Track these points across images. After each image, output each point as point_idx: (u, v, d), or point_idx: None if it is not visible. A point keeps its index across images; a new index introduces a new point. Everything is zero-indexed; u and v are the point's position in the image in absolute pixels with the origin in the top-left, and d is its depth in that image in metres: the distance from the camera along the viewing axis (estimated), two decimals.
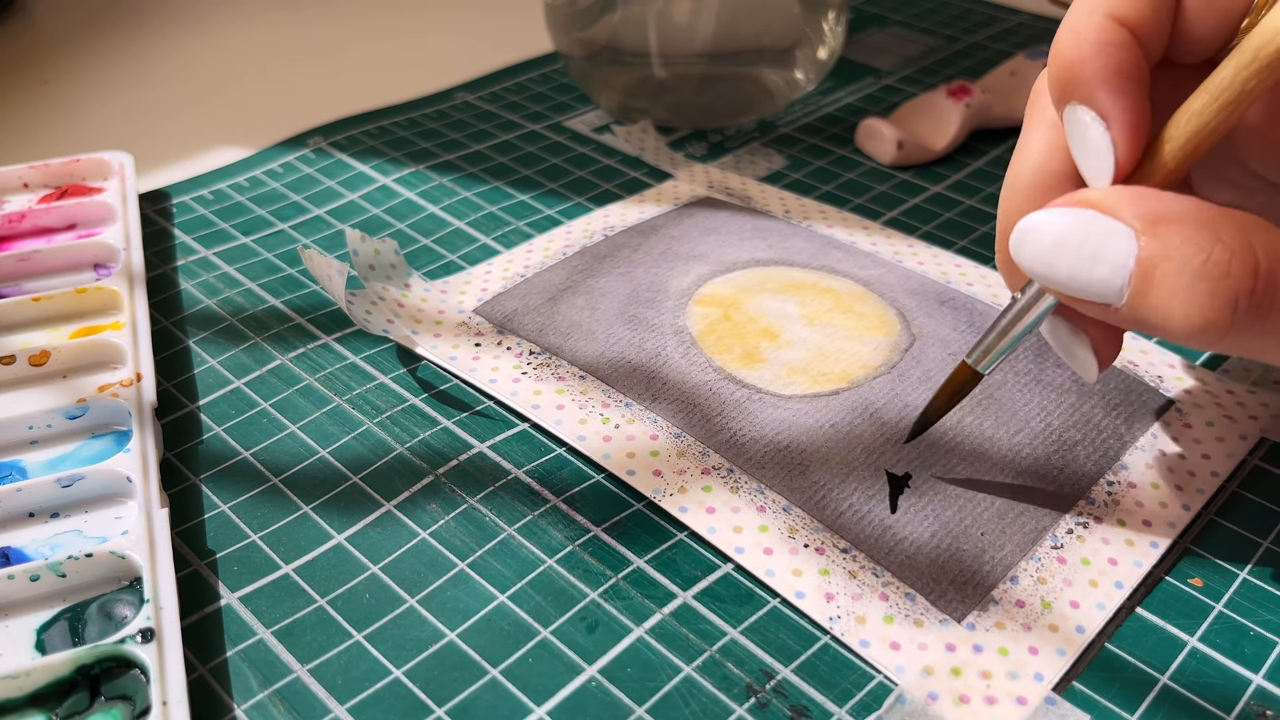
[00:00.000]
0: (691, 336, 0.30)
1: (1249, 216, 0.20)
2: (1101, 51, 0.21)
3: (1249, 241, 0.19)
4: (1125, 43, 0.22)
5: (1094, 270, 0.20)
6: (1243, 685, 0.22)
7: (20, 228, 0.35)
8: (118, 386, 0.28)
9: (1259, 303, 0.19)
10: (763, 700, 0.22)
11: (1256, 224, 0.19)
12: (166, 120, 0.45)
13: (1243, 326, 0.19)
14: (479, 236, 0.37)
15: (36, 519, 0.25)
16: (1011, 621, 0.23)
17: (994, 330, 0.24)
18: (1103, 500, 0.26)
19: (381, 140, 0.43)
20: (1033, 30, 0.54)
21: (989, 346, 0.24)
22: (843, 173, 0.41)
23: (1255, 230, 0.19)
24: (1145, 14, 0.22)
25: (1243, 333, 0.19)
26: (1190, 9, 0.22)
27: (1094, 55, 0.21)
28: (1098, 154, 0.21)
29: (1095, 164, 0.21)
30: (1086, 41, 0.21)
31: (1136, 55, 0.22)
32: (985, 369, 0.24)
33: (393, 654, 0.23)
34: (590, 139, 0.43)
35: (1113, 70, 0.21)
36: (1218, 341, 0.20)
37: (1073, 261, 0.20)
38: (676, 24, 0.40)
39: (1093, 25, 0.22)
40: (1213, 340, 0.20)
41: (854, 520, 0.25)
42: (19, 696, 0.21)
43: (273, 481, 0.27)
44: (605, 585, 0.24)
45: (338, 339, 0.32)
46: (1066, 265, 0.21)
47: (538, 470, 0.27)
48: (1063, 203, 0.21)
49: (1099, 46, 0.21)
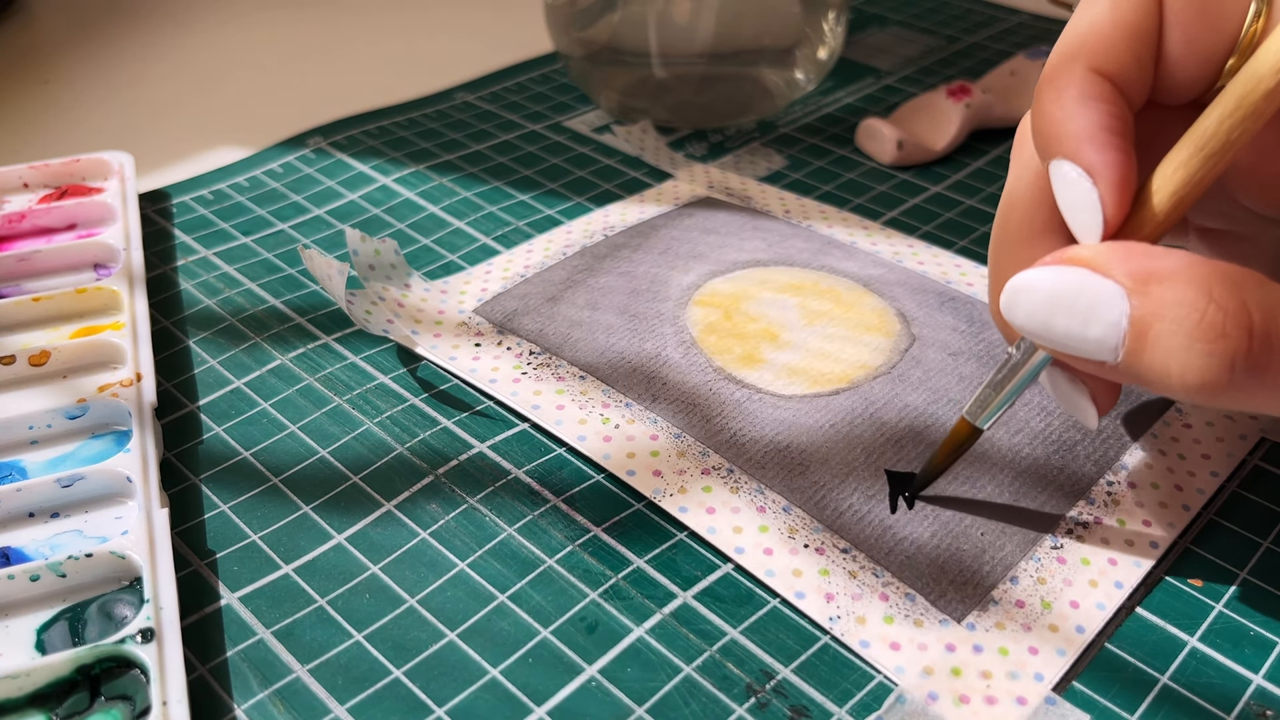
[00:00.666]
0: (691, 337, 0.30)
1: (1243, 272, 0.19)
2: (1085, 107, 0.21)
3: (1243, 300, 0.19)
4: (1108, 96, 0.21)
5: (1087, 329, 0.20)
6: (1243, 685, 0.22)
7: (20, 228, 0.35)
8: (118, 386, 0.28)
9: (1256, 362, 0.19)
10: (763, 700, 0.22)
11: (1251, 280, 0.19)
12: (166, 120, 0.45)
13: (1240, 385, 0.19)
14: (479, 236, 0.37)
15: (36, 519, 0.26)
16: (1011, 621, 0.23)
17: (991, 385, 0.23)
18: (1103, 500, 0.26)
19: (381, 140, 0.43)
20: (1033, 30, 0.54)
21: (985, 401, 0.24)
22: (843, 173, 0.41)
23: (1249, 287, 0.19)
24: (1127, 64, 0.21)
25: (1240, 391, 0.19)
26: (1172, 55, 0.22)
27: (1077, 111, 0.21)
28: (1086, 210, 0.21)
29: (1083, 220, 0.21)
30: (1069, 97, 0.21)
31: (1120, 108, 0.21)
32: (984, 424, 0.24)
33: (393, 654, 0.23)
34: (590, 139, 0.43)
35: (1097, 126, 0.21)
36: (1216, 399, 0.19)
37: (1066, 321, 0.20)
38: (676, 24, 0.40)
39: (1074, 79, 0.21)
40: (1211, 398, 0.19)
41: (854, 520, 0.25)
42: (19, 696, 0.21)
43: (273, 481, 0.27)
44: (605, 585, 0.24)
45: (338, 339, 0.32)
46: (1061, 325, 0.20)
47: (538, 470, 0.27)
48: (1052, 260, 0.20)
49: (1082, 101, 0.21)
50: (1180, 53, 0.21)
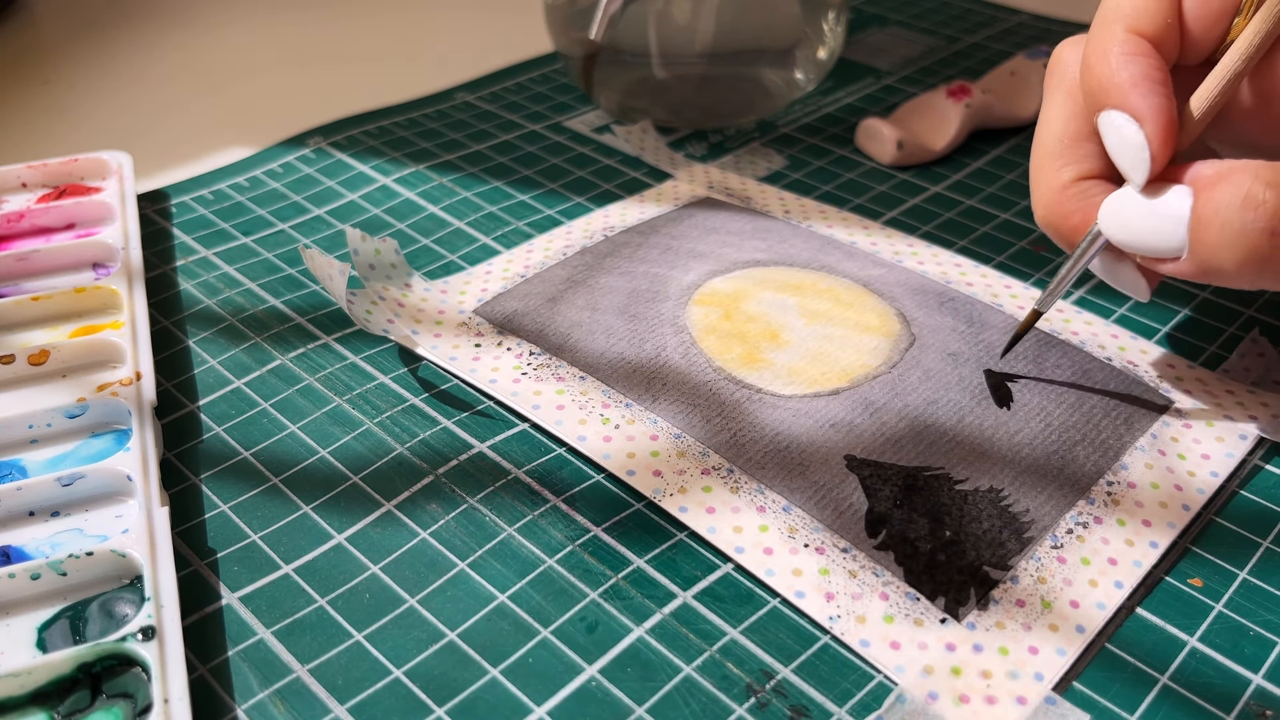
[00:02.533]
0: (691, 337, 0.30)
1: None
2: (1129, 60, 0.25)
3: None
4: (1147, 51, 0.25)
5: (1159, 224, 0.24)
6: (1242, 685, 0.22)
7: (19, 227, 0.35)
8: (117, 385, 0.28)
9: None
10: (763, 700, 0.22)
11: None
12: (167, 120, 0.45)
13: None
14: (479, 236, 0.37)
15: (37, 518, 0.26)
16: (1011, 621, 0.23)
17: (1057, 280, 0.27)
18: (1103, 500, 0.26)
19: (381, 140, 0.43)
20: (1033, 30, 0.54)
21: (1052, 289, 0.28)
22: (843, 173, 0.41)
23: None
24: (1159, 24, 0.25)
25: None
26: (1188, 16, 0.25)
27: (1122, 65, 0.24)
28: (1135, 150, 0.24)
29: (1132, 159, 0.24)
30: (1114, 54, 0.25)
31: (1159, 60, 0.25)
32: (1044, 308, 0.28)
33: (393, 654, 0.23)
34: (590, 139, 0.43)
35: (1141, 76, 0.24)
36: (1265, 272, 0.23)
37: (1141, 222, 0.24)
38: (676, 24, 0.40)
39: (1116, 38, 0.25)
40: (1259, 271, 0.23)
41: (854, 520, 0.25)
42: (20, 694, 0.21)
43: (273, 481, 0.27)
44: (605, 585, 0.24)
45: (338, 339, 0.32)
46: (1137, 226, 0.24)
47: (538, 470, 0.27)
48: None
49: (1126, 56, 0.25)
50: (1195, 14, 0.25)
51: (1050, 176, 0.27)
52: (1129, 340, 0.31)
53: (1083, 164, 0.27)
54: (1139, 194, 0.24)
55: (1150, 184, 0.24)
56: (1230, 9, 0.25)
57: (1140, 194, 0.24)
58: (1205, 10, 0.25)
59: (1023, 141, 0.43)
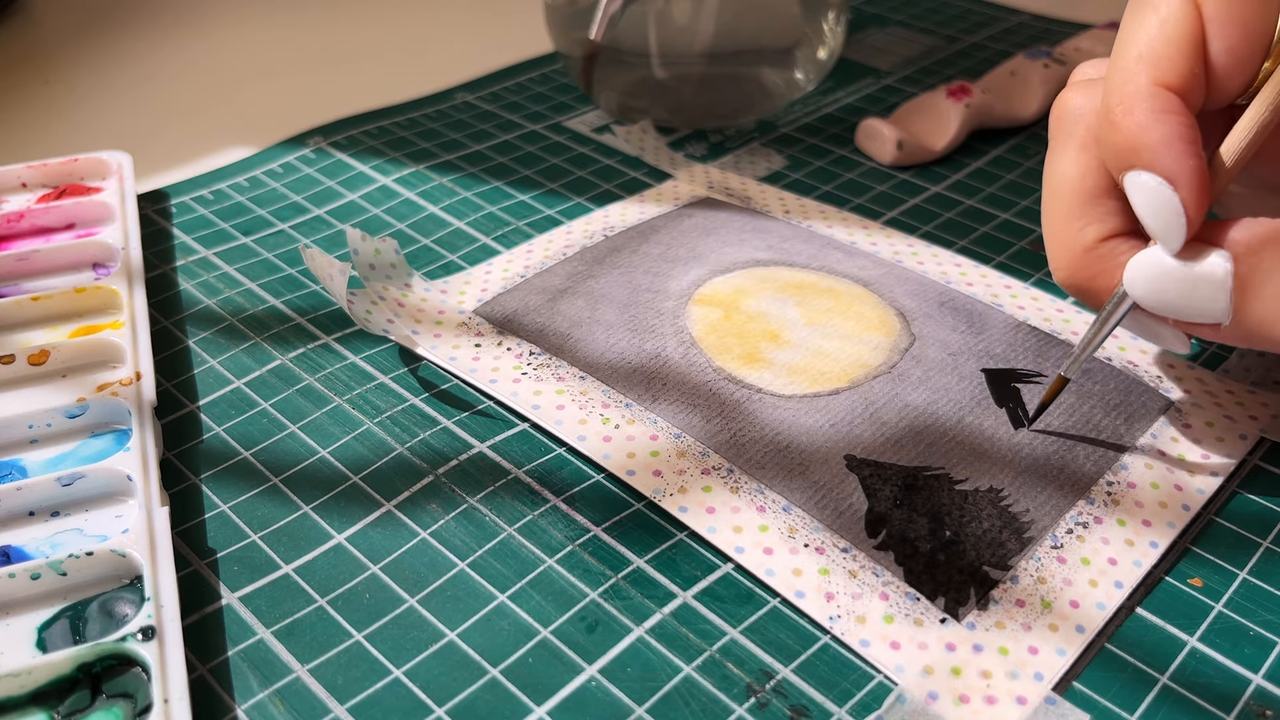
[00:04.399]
0: (691, 337, 0.30)
1: None
2: (1158, 120, 0.23)
3: None
4: (1176, 108, 0.23)
5: (1196, 291, 0.23)
6: (1242, 685, 0.22)
7: (19, 227, 0.35)
8: (117, 385, 0.28)
9: None
10: (763, 700, 0.22)
11: None
12: (167, 120, 0.45)
13: None
14: (479, 236, 0.37)
15: (37, 518, 0.25)
16: (1011, 621, 0.23)
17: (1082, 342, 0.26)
18: (1103, 500, 0.26)
19: (381, 140, 0.43)
20: (1033, 30, 0.54)
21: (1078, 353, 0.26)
22: (843, 173, 0.41)
23: None
24: (1185, 76, 0.23)
25: None
26: (1215, 64, 0.23)
27: (1151, 125, 0.23)
28: (1169, 213, 0.23)
29: (1166, 222, 0.23)
30: (1142, 111, 0.23)
31: (1189, 117, 0.23)
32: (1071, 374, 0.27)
33: (393, 654, 0.23)
34: (590, 139, 0.43)
35: (1173, 136, 0.23)
36: None
37: (1178, 288, 0.23)
38: (676, 24, 0.40)
39: (1142, 94, 0.23)
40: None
41: (854, 520, 0.25)
42: (20, 694, 0.21)
43: (273, 481, 0.27)
44: (605, 585, 0.24)
45: (338, 339, 0.32)
46: (1174, 291, 0.23)
47: (538, 470, 0.27)
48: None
49: (1154, 115, 0.23)
50: (1222, 61, 0.23)
51: (1071, 238, 0.25)
52: (1129, 340, 0.31)
53: (1106, 223, 0.25)
54: (1171, 257, 0.23)
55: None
56: (1259, 53, 0.23)
57: (1173, 257, 0.23)
58: (1233, 57, 0.23)
59: (1023, 141, 0.43)
